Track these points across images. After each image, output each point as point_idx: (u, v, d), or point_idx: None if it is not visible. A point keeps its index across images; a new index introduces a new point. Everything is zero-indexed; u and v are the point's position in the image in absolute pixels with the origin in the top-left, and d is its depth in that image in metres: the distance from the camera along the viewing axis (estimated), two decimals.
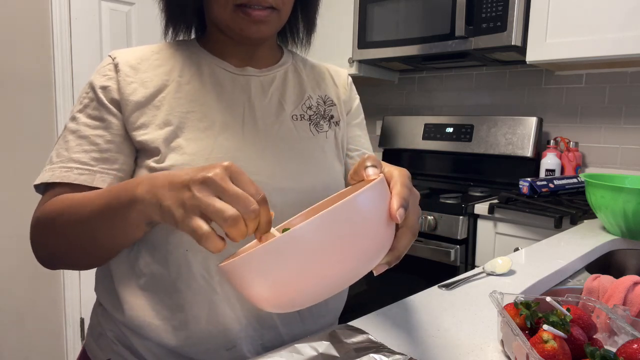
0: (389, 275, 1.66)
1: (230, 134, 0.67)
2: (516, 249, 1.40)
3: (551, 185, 1.72)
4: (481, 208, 1.69)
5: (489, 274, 0.88)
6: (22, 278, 2.03)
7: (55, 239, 0.62)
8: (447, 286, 0.81)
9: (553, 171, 1.94)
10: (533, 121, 2.01)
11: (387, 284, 1.88)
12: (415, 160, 2.43)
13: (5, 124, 1.95)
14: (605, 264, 1.10)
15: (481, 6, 1.83)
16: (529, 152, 2.00)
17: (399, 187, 0.47)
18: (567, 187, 1.75)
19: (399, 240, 0.47)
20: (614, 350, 0.51)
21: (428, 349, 0.59)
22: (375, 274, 0.48)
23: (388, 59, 2.18)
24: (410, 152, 2.44)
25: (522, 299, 0.59)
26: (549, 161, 1.95)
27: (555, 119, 2.10)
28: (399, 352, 0.54)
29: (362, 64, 2.34)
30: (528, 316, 0.56)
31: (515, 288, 0.81)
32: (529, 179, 1.72)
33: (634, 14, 1.56)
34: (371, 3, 2.18)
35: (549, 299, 0.57)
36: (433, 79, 2.50)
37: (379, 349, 0.55)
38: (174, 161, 0.63)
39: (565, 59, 1.71)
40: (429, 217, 1.74)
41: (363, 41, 2.22)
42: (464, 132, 2.21)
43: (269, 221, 0.45)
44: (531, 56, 1.78)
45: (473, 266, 1.74)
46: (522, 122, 2.05)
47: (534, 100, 2.16)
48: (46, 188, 0.65)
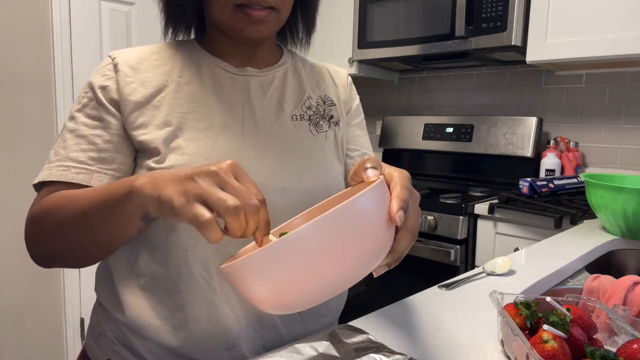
0: (389, 276, 1.66)
1: (230, 134, 0.67)
2: (516, 249, 1.40)
3: (551, 185, 1.72)
4: (481, 208, 1.69)
5: (489, 274, 0.88)
6: (22, 278, 2.03)
7: (51, 234, 0.61)
8: (447, 286, 0.81)
9: (553, 171, 1.94)
10: (533, 121, 2.01)
11: (387, 284, 1.88)
12: (415, 160, 2.43)
13: (5, 124, 1.95)
14: (605, 264, 1.10)
15: (481, 6, 1.83)
16: (529, 152, 2.00)
17: (399, 189, 0.47)
18: (567, 187, 1.75)
19: (399, 242, 0.47)
20: (614, 350, 0.51)
21: (428, 349, 0.59)
22: (375, 276, 0.48)
23: (388, 59, 2.18)
24: (410, 152, 2.44)
25: (522, 299, 0.59)
26: (549, 161, 1.95)
27: (555, 119, 2.10)
28: (399, 352, 0.54)
29: (362, 64, 2.34)
30: (528, 316, 0.56)
31: (515, 288, 0.81)
32: (529, 179, 1.72)
33: (634, 14, 1.56)
34: (371, 3, 2.18)
35: (549, 299, 0.57)
36: (433, 79, 2.50)
37: (379, 349, 0.55)
38: (174, 161, 0.63)
39: (565, 59, 1.71)
40: (429, 217, 1.74)
41: (363, 41, 2.22)
42: (464, 132, 2.21)
43: (268, 222, 0.45)
44: (531, 56, 1.78)
45: (473, 266, 1.74)
46: (522, 122, 2.05)
47: (534, 100, 2.16)
48: (43, 186, 0.65)
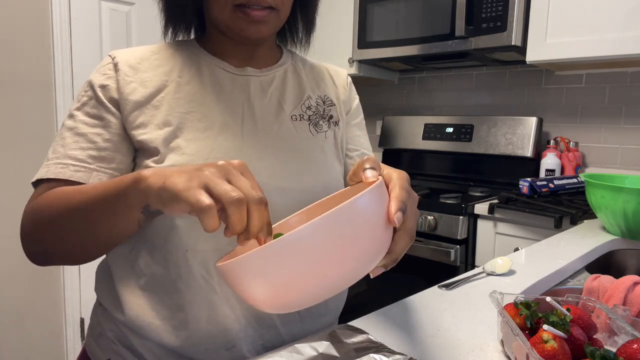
0: (388, 276, 1.67)
1: (229, 134, 0.67)
2: (516, 249, 1.40)
3: (551, 185, 1.72)
4: (481, 208, 1.68)
5: (489, 274, 0.88)
6: (22, 278, 2.03)
7: (48, 230, 0.60)
8: (447, 286, 0.81)
9: (553, 171, 1.94)
10: (533, 121, 2.01)
11: (387, 284, 1.88)
12: (415, 160, 2.43)
13: (5, 124, 1.95)
14: (605, 264, 1.10)
15: (481, 6, 1.83)
16: (529, 152, 2.00)
17: (397, 190, 0.46)
18: (567, 187, 1.75)
19: (397, 244, 0.47)
20: (614, 350, 0.51)
21: (428, 349, 0.59)
22: (371, 277, 0.48)
23: (388, 59, 2.18)
24: (410, 152, 2.44)
25: (522, 299, 0.59)
26: (549, 161, 1.95)
27: (555, 119, 2.10)
28: (399, 352, 0.54)
29: (362, 64, 2.34)
30: (528, 316, 0.56)
31: (515, 288, 0.81)
32: (529, 179, 1.72)
33: (634, 14, 1.56)
34: (371, 3, 2.18)
35: (549, 299, 0.57)
36: (433, 79, 2.50)
37: (379, 349, 0.55)
38: (173, 161, 0.63)
39: (565, 59, 1.71)
40: (428, 217, 1.74)
41: (363, 41, 2.22)
42: (464, 132, 2.21)
43: (270, 223, 0.45)
44: (531, 56, 1.78)
45: (473, 266, 1.74)
46: (522, 122, 2.05)
47: (534, 100, 2.16)
48: (40, 184, 0.64)
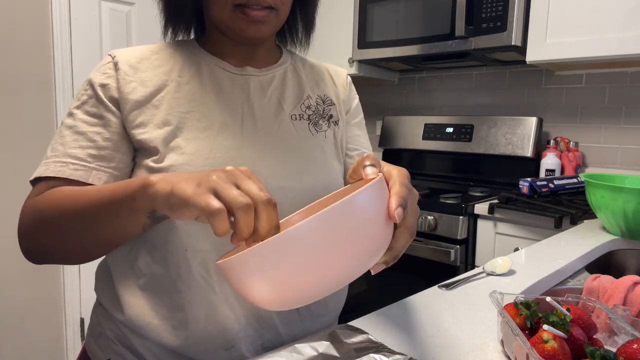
0: (388, 275, 1.67)
1: (229, 134, 0.67)
2: (516, 249, 1.40)
3: (551, 185, 1.72)
4: (481, 208, 1.68)
5: (489, 274, 0.88)
6: (22, 278, 2.03)
7: (49, 230, 0.60)
8: (447, 286, 0.81)
9: (553, 171, 1.94)
10: (533, 121, 2.01)
11: (387, 284, 1.88)
12: (415, 160, 2.43)
13: (5, 123, 1.95)
14: (605, 264, 1.10)
15: (481, 6, 1.83)
16: (529, 152, 2.00)
17: (397, 187, 0.47)
18: (567, 187, 1.75)
19: (397, 240, 0.47)
20: (614, 350, 0.51)
21: (428, 349, 0.59)
22: (372, 273, 0.48)
23: (388, 59, 2.18)
24: (410, 152, 2.44)
25: (522, 299, 0.59)
26: (549, 161, 1.95)
27: (555, 119, 2.10)
28: (399, 352, 0.54)
29: (362, 64, 2.34)
30: (528, 316, 0.56)
31: (515, 288, 0.81)
32: (529, 179, 1.72)
33: (634, 14, 1.56)
34: (371, 3, 2.17)
35: (549, 299, 0.57)
36: (433, 79, 2.50)
37: (379, 349, 0.55)
38: (173, 161, 0.63)
39: (565, 59, 1.71)
40: (428, 217, 1.74)
41: (363, 41, 2.22)
42: (464, 132, 2.21)
43: (278, 227, 0.45)
44: (531, 56, 1.78)
45: (473, 266, 1.74)
46: (522, 122, 2.05)
47: (534, 100, 2.16)
48: (39, 182, 0.64)
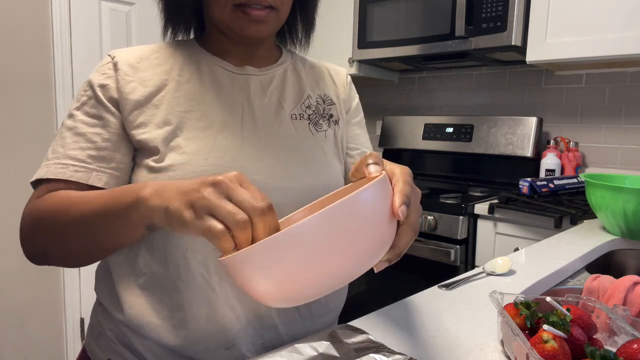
0: (389, 275, 1.67)
1: (229, 134, 0.67)
2: (516, 249, 1.40)
3: (551, 185, 1.72)
4: (481, 208, 1.68)
5: (489, 274, 0.88)
6: (22, 278, 2.03)
7: (49, 235, 0.60)
8: (447, 286, 0.81)
9: (553, 171, 1.94)
10: (533, 121, 2.01)
11: (387, 284, 1.88)
12: (415, 160, 2.43)
13: (5, 123, 1.95)
14: (605, 264, 1.10)
15: (481, 6, 1.83)
16: (529, 152, 2.00)
17: (401, 185, 0.47)
18: (567, 187, 1.75)
19: (400, 238, 0.47)
20: (614, 350, 0.51)
21: (428, 349, 0.59)
22: (375, 271, 0.48)
23: (388, 59, 2.18)
24: (410, 152, 2.44)
25: (522, 299, 0.59)
26: (549, 161, 1.95)
27: (555, 119, 2.10)
28: (399, 352, 0.54)
29: (362, 64, 2.34)
30: (528, 316, 0.56)
31: (515, 288, 0.81)
32: (529, 179, 1.72)
33: (634, 14, 1.56)
34: (371, 3, 2.17)
35: (549, 299, 0.57)
36: (433, 79, 2.50)
37: (379, 349, 0.55)
38: (173, 160, 0.63)
39: (565, 59, 1.71)
40: (429, 217, 1.74)
41: (363, 41, 2.22)
42: (464, 132, 2.21)
43: (278, 228, 0.45)
44: (531, 56, 1.78)
45: (473, 266, 1.74)
46: (522, 122, 2.05)
47: (534, 100, 2.16)
48: (40, 184, 0.64)
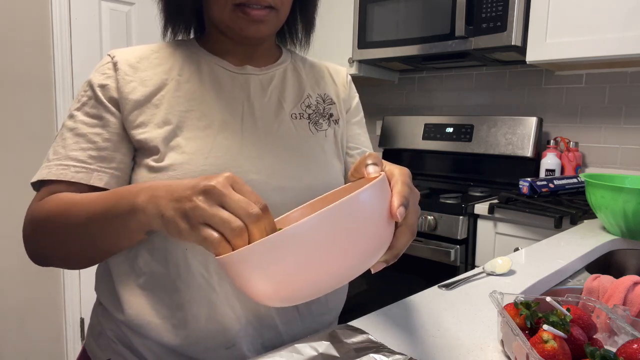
0: (388, 275, 1.67)
1: (229, 133, 0.67)
2: (516, 249, 1.40)
3: (551, 185, 1.72)
4: (481, 208, 1.68)
5: (489, 274, 0.88)
6: (22, 278, 2.03)
7: (50, 238, 0.61)
8: (447, 286, 0.81)
9: (553, 171, 1.94)
10: (533, 121, 2.01)
11: (387, 284, 1.88)
12: (415, 160, 2.43)
13: (5, 123, 1.95)
14: (605, 264, 1.10)
15: (481, 6, 1.83)
16: (529, 152, 2.00)
17: (399, 186, 0.47)
18: (567, 187, 1.75)
19: (398, 239, 0.47)
20: (614, 350, 0.51)
21: (428, 349, 0.59)
22: (372, 272, 0.48)
23: (388, 59, 2.18)
24: (410, 152, 2.44)
25: (522, 299, 0.59)
26: (549, 161, 1.95)
27: (555, 119, 2.10)
28: (399, 352, 0.54)
29: (362, 64, 2.34)
30: (528, 316, 0.56)
31: (515, 288, 0.81)
32: (529, 179, 1.72)
33: (634, 14, 1.56)
34: (371, 3, 2.17)
35: (549, 299, 0.57)
36: (433, 79, 2.50)
37: (379, 349, 0.55)
38: (173, 160, 0.63)
39: (565, 59, 1.71)
40: (429, 217, 1.74)
41: (363, 41, 2.22)
42: (464, 132, 2.21)
43: (274, 229, 0.45)
44: (531, 56, 1.78)
45: (473, 266, 1.74)
46: (522, 122, 2.05)
47: (534, 100, 2.16)
48: (42, 185, 0.65)
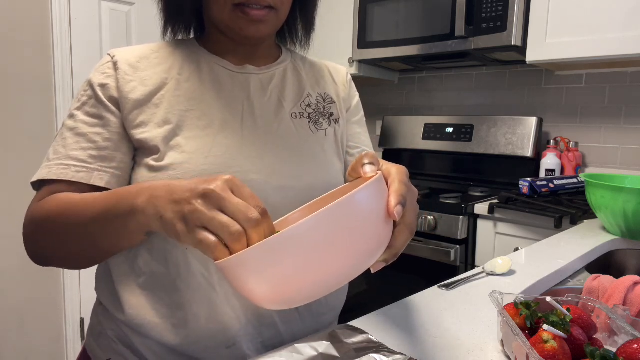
0: (388, 275, 1.67)
1: (229, 133, 0.67)
2: (516, 249, 1.40)
3: (551, 185, 1.72)
4: (481, 208, 1.68)
5: (489, 274, 0.88)
6: (22, 278, 2.03)
7: (50, 238, 0.61)
8: (447, 286, 0.81)
9: (553, 171, 1.94)
10: (533, 121, 2.01)
11: (387, 284, 1.88)
12: (415, 160, 2.43)
13: (5, 124, 1.95)
14: (605, 264, 1.10)
15: (481, 6, 1.83)
16: (529, 152, 2.00)
17: (396, 185, 0.47)
18: (567, 187, 1.75)
19: (397, 238, 0.47)
20: (614, 350, 0.51)
21: (428, 349, 0.59)
22: (372, 272, 0.48)
23: (388, 59, 2.18)
24: (410, 152, 2.44)
25: (522, 299, 0.59)
26: (549, 161, 1.95)
27: (555, 119, 2.10)
28: (399, 352, 0.54)
29: (362, 64, 2.34)
30: (528, 316, 0.56)
31: (515, 288, 0.81)
32: (529, 179, 1.72)
33: (634, 14, 1.56)
34: (371, 3, 2.17)
35: (549, 299, 0.57)
36: (433, 79, 2.50)
37: (379, 349, 0.55)
38: (173, 160, 0.63)
39: (565, 59, 1.71)
40: (428, 217, 1.74)
41: (363, 41, 2.22)
42: (464, 132, 2.21)
43: (273, 233, 0.45)
44: (531, 56, 1.78)
45: (473, 266, 1.74)
46: (522, 122, 2.05)
47: (534, 100, 2.16)
48: (42, 184, 0.65)
